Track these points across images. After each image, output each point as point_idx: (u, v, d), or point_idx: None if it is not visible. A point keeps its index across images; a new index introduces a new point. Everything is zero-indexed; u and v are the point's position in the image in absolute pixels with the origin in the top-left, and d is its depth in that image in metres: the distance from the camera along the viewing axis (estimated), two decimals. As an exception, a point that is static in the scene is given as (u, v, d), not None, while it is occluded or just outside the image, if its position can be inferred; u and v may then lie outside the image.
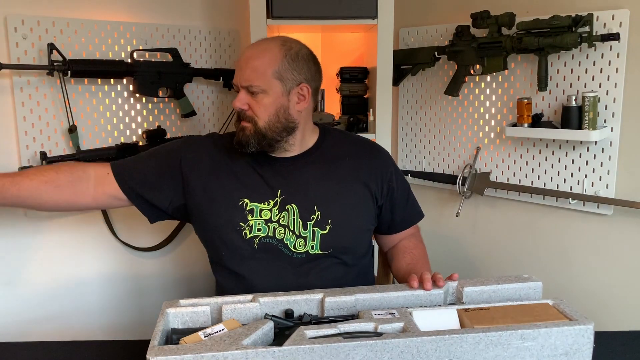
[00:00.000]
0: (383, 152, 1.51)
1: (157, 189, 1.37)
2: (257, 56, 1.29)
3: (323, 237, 1.32)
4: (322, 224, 1.32)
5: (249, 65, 1.29)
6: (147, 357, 0.91)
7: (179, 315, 1.08)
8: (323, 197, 1.34)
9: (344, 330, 0.99)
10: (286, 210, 1.32)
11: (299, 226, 1.31)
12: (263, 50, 1.30)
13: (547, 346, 0.98)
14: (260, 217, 1.31)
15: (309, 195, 1.34)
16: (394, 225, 1.48)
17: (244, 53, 1.32)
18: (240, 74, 1.30)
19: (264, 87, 1.28)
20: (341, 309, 1.10)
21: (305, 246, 1.31)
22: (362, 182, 1.39)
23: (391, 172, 1.44)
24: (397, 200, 1.45)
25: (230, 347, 0.92)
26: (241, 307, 1.08)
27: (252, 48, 1.33)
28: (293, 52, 1.31)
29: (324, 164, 1.39)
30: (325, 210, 1.33)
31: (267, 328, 1.01)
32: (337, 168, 1.39)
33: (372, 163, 1.43)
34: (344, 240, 1.35)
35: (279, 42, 1.32)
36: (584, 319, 1.01)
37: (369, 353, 0.93)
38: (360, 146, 1.47)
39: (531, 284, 1.15)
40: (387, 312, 1.05)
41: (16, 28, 1.65)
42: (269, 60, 1.29)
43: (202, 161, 1.37)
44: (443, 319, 1.05)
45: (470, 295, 1.13)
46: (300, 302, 1.11)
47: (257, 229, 1.30)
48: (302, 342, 0.93)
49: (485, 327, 0.99)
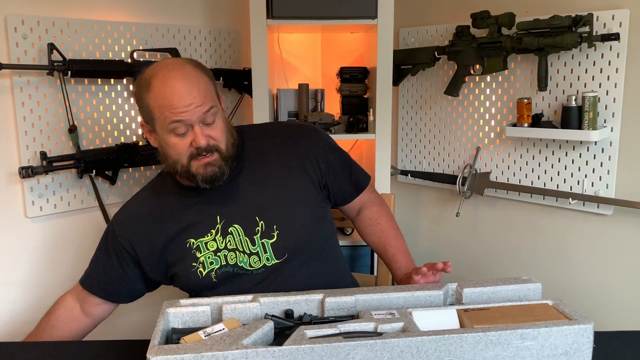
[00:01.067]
0: (307, 131, 1.42)
1: (124, 278, 1.36)
2: (196, 84, 1.20)
3: (274, 246, 1.28)
4: (269, 232, 1.28)
5: (196, 95, 1.19)
6: (148, 356, 0.91)
7: (179, 315, 1.08)
8: (262, 204, 1.30)
9: (344, 330, 0.99)
10: (230, 234, 1.28)
11: (247, 244, 1.28)
12: (193, 76, 1.21)
13: (546, 346, 0.98)
14: (208, 249, 1.28)
15: (248, 209, 1.29)
16: (346, 195, 1.44)
17: (177, 88, 1.18)
18: (189, 109, 1.18)
19: (217, 109, 1.23)
20: (341, 309, 1.10)
21: (260, 261, 1.28)
22: (297, 171, 1.34)
23: (323, 148, 1.38)
24: (339, 171, 1.40)
25: (231, 347, 0.92)
26: (241, 307, 1.08)
27: (180, 80, 1.19)
28: (201, 67, 1.26)
29: (253, 169, 1.33)
30: (268, 217, 1.28)
31: (267, 328, 1.01)
32: (267, 168, 1.34)
33: (300, 147, 1.37)
34: (295, 241, 1.30)
35: (187, 63, 1.24)
36: (584, 318, 1.01)
37: (369, 353, 0.93)
38: (281, 133, 1.40)
39: (531, 285, 1.15)
40: (387, 312, 1.05)
41: (16, 28, 1.65)
42: (204, 82, 1.22)
43: (136, 230, 1.33)
44: (443, 319, 1.05)
45: (469, 296, 1.13)
46: (300, 302, 1.11)
47: (209, 262, 1.28)
48: (302, 342, 0.93)
49: (485, 326, 0.99)
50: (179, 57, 1.28)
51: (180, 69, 1.21)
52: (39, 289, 1.80)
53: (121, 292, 1.38)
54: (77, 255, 1.88)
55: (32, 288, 1.79)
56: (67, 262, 1.85)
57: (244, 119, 2.25)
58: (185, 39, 2.03)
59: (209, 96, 1.22)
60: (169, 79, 1.19)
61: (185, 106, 1.18)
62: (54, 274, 1.83)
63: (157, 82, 1.20)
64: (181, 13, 2.03)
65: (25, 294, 1.78)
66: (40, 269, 1.80)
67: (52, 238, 1.82)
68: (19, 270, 1.76)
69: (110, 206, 1.92)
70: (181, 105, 1.18)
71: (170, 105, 1.18)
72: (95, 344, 1.27)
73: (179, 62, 1.24)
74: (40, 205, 1.75)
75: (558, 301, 1.09)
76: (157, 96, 1.20)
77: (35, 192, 1.73)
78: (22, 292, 1.77)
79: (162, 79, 1.20)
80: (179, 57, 1.28)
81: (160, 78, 1.20)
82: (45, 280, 1.81)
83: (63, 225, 1.83)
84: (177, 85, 1.18)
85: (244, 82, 2.12)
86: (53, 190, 1.78)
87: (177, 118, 1.18)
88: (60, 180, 1.79)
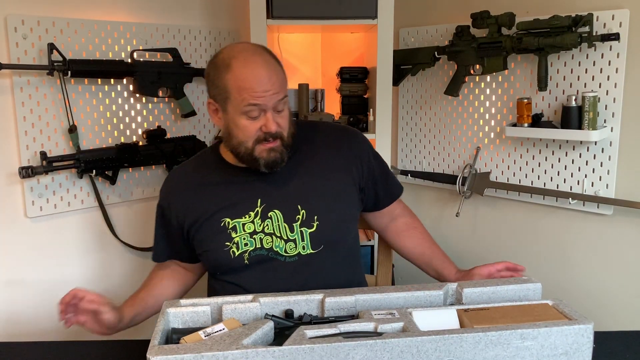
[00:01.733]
0: (356, 134, 1.48)
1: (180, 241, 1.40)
2: (276, 71, 1.25)
3: (312, 235, 1.30)
4: (309, 222, 1.30)
5: (275, 82, 1.24)
6: (148, 356, 0.91)
7: (179, 315, 1.08)
8: (305, 194, 1.32)
9: (344, 330, 0.99)
10: (269, 218, 1.30)
11: (285, 230, 1.30)
12: (274, 63, 1.26)
13: (546, 346, 0.98)
14: (244, 231, 1.29)
15: (290, 196, 1.32)
16: (379, 201, 1.47)
17: (260, 73, 1.23)
18: (267, 95, 1.23)
19: (287, 99, 1.29)
20: (341, 309, 1.10)
21: (296, 248, 1.30)
22: (342, 170, 1.38)
23: (368, 153, 1.44)
24: (378, 177, 1.44)
25: (231, 347, 0.92)
26: (241, 307, 1.08)
27: (262, 66, 1.24)
28: (276, 57, 1.30)
29: (301, 161, 1.36)
30: (310, 207, 1.31)
31: (267, 328, 1.01)
32: (315, 161, 1.37)
33: (347, 149, 1.41)
34: (333, 234, 1.34)
35: (266, 50, 1.29)
36: (584, 318, 1.01)
37: (369, 353, 0.93)
38: (333, 134, 1.45)
39: (530, 285, 1.15)
40: (387, 312, 1.05)
41: (16, 28, 1.65)
42: (282, 71, 1.28)
43: (177, 205, 1.36)
44: (443, 319, 1.05)
45: (469, 297, 1.13)
46: (300, 302, 1.11)
47: (244, 244, 1.29)
48: (302, 342, 0.93)
49: (485, 326, 0.99)
50: (253, 43, 1.33)
51: (261, 55, 1.26)
52: (39, 289, 1.80)
53: (184, 252, 1.41)
54: (77, 255, 1.88)
55: (32, 288, 1.79)
56: (67, 262, 1.86)
57: (244, 119, 2.25)
58: (185, 39, 2.03)
59: (284, 85, 1.27)
60: (251, 62, 1.23)
61: (264, 91, 1.22)
62: (54, 274, 1.83)
63: (239, 64, 1.23)
64: (181, 13, 2.03)
65: (25, 294, 1.78)
66: (40, 269, 1.80)
67: (52, 238, 1.82)
68: (19, 270, 1.76)
69: (110, 206, 1.92)
70: (260, 90, 1.22)
71: (250, 88, 1.21)
72: (96, 344, 1.27)
73: (258, 49, 1.29)
74: (40, 205, 1.75)
75: (558, 301, 1.09)
76: (237, 77, 1.23)
77: (35, 192, 1.73)
78: (22, 292, 1.77)
79: (243, 61, 1.23)
80: (253, 43, 1.33)
81: (241, 60, 1.23)
82: (45, 280, 1.81)
83: (63, 225, 1.83)
84: (259, 70, 1.23)
85: (244, 82, 2.12)
86: (53, 190, 1.78)
87: (255, 102, 1.22)
88: (60, 180, 1.79)
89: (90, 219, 1.89)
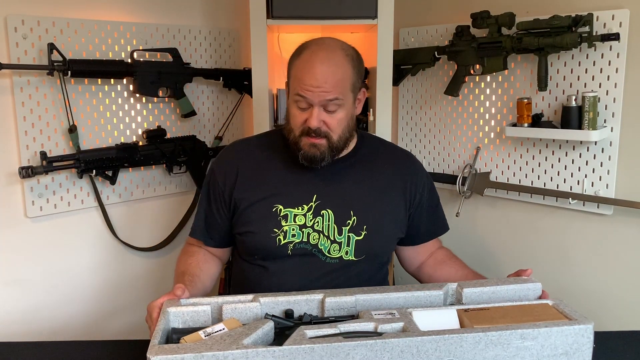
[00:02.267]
0: (418, 163, 1.51)
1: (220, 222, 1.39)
2: (333, 71, 1.25)
3: (358, 243, 1.31)
4: (358, 229, 1.32)
5: (328, 81, 1.23)
6: (148, 356, 0.91)
7: (179, 315, 1.08)
8: (360, 202, 1.34)
9: (344, 330, 0.99)
10: (321, 216, 1.31)
11: (333, 231, 1.31)
12: (336, 64, 1.26)
13: (547, 346, 0.98)
14: (295, 222, 1.30)
15: (345, 200, 1.33)
16: (419, 236, 1.47)
17: (314, 67, 1.24)
18: (316, 90, 1.24)
19: (342, 100, 1.27)
20: (341, 309, 1.10)
21: (340, 251, 1.31)
22: (398, 191, 1.39)
23: (424, 183, 1.45)
24: (426, 211, 1.45)
25: (231, 347, 0.92)
26: (242, 307, 1.09)
27: (322, 62, 1.25)
28: (355, 59, 1.30)
29: (362, 170, 1.38)
30: (362, 215, 1.32)
31: (267, 328, 1.01)
32: (375, 175, 1.39)
33: (409, 173, 1.43)
34: (377, 247, 1.35)
35: (341, 50, 1.28)
36: (584, 318, 1.01)
37: (369, 353, 0.93)
38: (397, 155, 1.47)
39: (530, 285, 1.15)
40: (387, 312, 1.05)
41: (16, 28, 1.65)
42: (344, 74, 1.26)
43: (232, 176, 1.36)
44: (443, 319, 1.05)
45: (469, 297, 1.13)
46: (300, 302, 1.11)
47: (292, 234, 1.30)
48: (302, 342, 0.93)
49: (485, 326, 0.99)
50: (338, 40, 1.32)
51: (328, 51, 1.27)
52: (39, 289, 1.80)
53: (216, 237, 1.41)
54: (77, 255, 1.88)
55: (32, 288, 1.79)
56: (67, 262, 1.86)
57: (244, 119, 2.25)
58: (185, 39, 2.03)
59: (340, 87, 1.25)
60: (313, 55, 1.26)
61: (312, 86, 1.23)
62: (54, 274, 1.83)
63: (305, 54, 1.27)
64: (181, 13, 2.03)
65: (25, 294, 1.78)
66: (40, 269, 1.80)
67: (52, 238, 1.82)
68: (19, 270, 1.76)
69: (111, 206, 1.92)
70: (309, 84, 1.24)
71: (301, 79, 1.25)
72: (95, 344, 1.27)
73: (331, 45, 1.29)
74: (40, 205, 1.75)
75: (558, 301, 1.09)
76: (297, 66, 1.27)
77: (35, 192, 1.73)
78: (22, 292, 1.77)
79: (309, 53, 1.27)
80: (338, 40, 1.32)
81: (308, 52, 1.27)
82: (45, 280, 1.81)
83: (63, 225, 1.83)
84: (316, 64, 1.24)
85: (244, 82, 2.13)
86: (53, 190, 1.78)
87: (302, 93, 1.25)
88: (60, 180, 1.79)
89: (90, 219, 1.89)
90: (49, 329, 1.82)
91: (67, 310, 1.87)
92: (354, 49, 1.34)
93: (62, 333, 1.84)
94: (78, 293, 1.89)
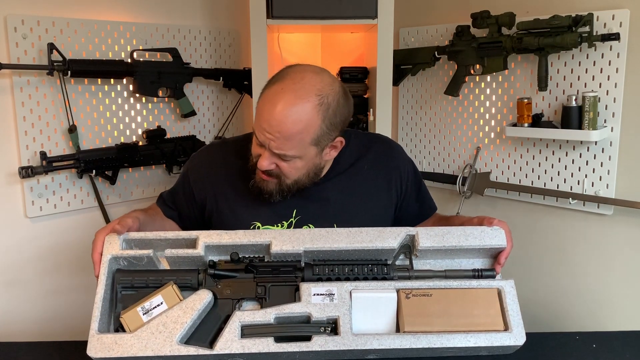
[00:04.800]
0: (397, 150, 1.40)
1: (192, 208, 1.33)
2: (293, 122, 1.10)
3: None
4: None
5: (282, 132, 1.10)
6: (87, 353, 0.97)
7: (120, 259, 1.07)
8: (343, 214, 1.27)
9: (275, 316, 1.01)
10: None
11: None
12: (299, 115, 1.10)
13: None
14: None
15: (328, 213, 1.26)
16: (410, 220, 1.40)
17: (273, 111, 1.10)
18: (268, 137, 1.12)
19: (298, 154, 1.15)
20: (287, 257, 1.08)
21: None
22: (383, 192, 1.33)
23: (407, 171, 1.38)
24: (414, 199, 1.40)
25: (164, 347, 0.97)
26: (184, 254, 1.06)
27: (284, 107, 1.10)
28: (331, 112, 1.14)
29: (345, 179, 1.30)
30: (346, 227, 1.24)
31: (205, 303, 1.02)
32: (358, 181, 1.31)
33: (391, 167, 1.35)
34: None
35: (315, 97, 1.12)
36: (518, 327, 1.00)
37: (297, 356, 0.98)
38: (378, 154, 1.36)
39: (489, 231, 1.11)
40: (327, 292, 1.04)
41: (16, 28, 1.65)
42: (305, 128, 1.11)
43: (207, 186, 1.29)
44: (381, 305, 1.03)
45: (425, 244, 1.09)
46: (246, 247, 1.08)
47: None
48: (233, 341, 0.98)
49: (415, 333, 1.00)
50: (320, 81, 1.15)
51: (296, 97, 1.11)
52: (39, 289, 1.80)
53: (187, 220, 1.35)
54: (77, 255, 1.88)
55: (32, 288, 1.79)
56: (67, 262, 1.86)
57: (244, 119, 2.25)
58: (185, 39, 2.03)
59: (294, 143, 1.13)
60: (277, 96, 1.11)
61: (265, 130, 1.12)
62: (54, 274, 1.83)
63: (273, 88, 1.13)
64: (181, 13, 2.03)
65: (25, 294, 1.78)
66: (40, 269, 1.80)
67: (52, 238, 1.82)
68: (19, 270, 1.76)
69: (111, 206, 1.92)
70: (265, 127, 1.12)
71: (259, 116, 1.14)
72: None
73: (305, 89, 1.12)
74: (40, 205, 1.75)
75: (509, 286, 1.05)
76: (262, 98, 1.15)
77: (35, 192, 1.73)
78: (22, 292, 1.77)
79: (277, 89, 1.12)
80: (320, 81, 1.15)
81: (278, 87, 1.13)
82: (45, 280, 1.81)
83: (63, 225, 1.83)
84: (276, 108, 1.10)
85: (244, 82, 2.13)
86: (53, 190, 1.78)
87: (255, 131, 1.16)
88: (60, 180, 1.79)
89: (90, 219, 1.89)
90: (49, 329, 1.82)
91: (67, 310, 1.87)
92: (338, 92, 1.17)
93: (62, 333, 1.84)
94: (78, 293, 1.89)
